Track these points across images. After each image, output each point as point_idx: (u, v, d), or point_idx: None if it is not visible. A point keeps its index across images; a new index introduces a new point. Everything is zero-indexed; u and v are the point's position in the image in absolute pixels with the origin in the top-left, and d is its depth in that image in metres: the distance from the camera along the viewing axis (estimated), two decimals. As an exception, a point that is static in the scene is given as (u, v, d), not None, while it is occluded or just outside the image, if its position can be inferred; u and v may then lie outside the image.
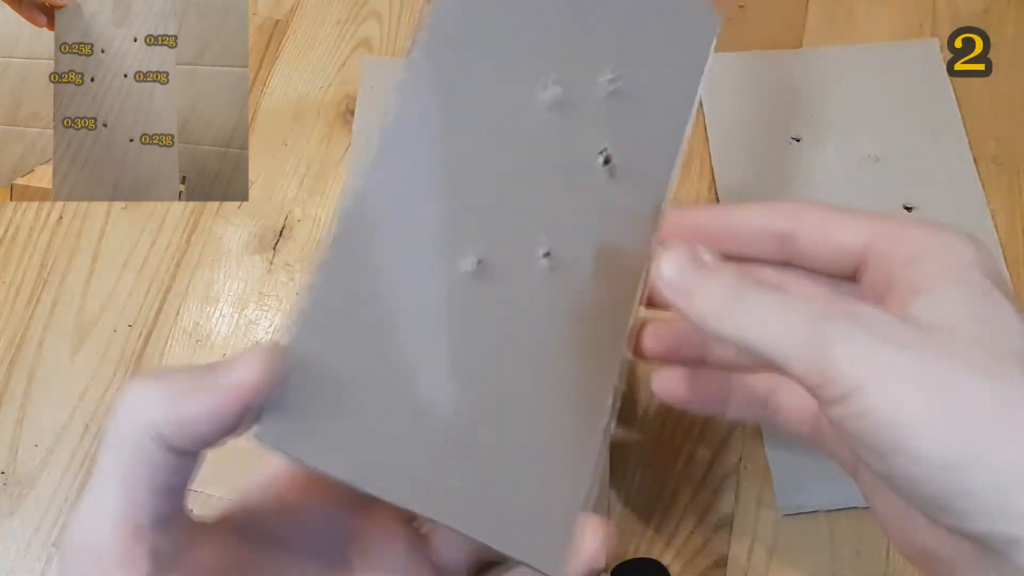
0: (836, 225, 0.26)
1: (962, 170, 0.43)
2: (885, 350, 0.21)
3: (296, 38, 0.48)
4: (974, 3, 0.49)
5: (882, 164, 0.43)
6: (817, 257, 0.26)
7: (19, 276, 0.42)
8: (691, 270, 0.25)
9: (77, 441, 0.39)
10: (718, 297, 0.24)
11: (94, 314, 0.42)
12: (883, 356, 0.21)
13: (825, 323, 0.22)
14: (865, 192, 0.42)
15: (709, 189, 0.43)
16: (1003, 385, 0.20)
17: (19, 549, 0.37)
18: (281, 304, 0.42)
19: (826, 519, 0.37)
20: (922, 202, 0.42)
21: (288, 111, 0.47)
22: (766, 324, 0.23)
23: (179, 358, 0.41)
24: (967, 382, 0.20)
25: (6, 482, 0.38)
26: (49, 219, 0.44)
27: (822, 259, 0.26)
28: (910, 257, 0.24)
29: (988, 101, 0.46)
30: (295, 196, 0.44)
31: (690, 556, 0.37)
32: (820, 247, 0.26)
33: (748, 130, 0.44)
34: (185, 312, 0.42)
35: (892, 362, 0.21)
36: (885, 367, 0.21)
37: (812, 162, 0.43)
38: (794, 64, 0.46)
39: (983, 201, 0.42)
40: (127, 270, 0.43)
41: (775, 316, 0.23)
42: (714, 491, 0.38)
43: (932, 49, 0.46)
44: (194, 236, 0.44)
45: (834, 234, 0.26)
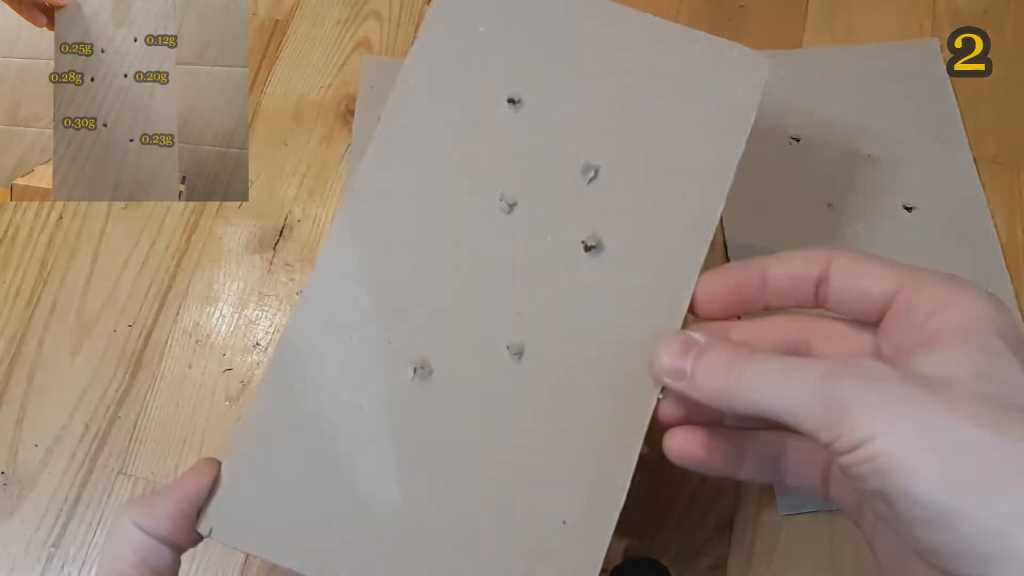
0: (866, 271, 0.27)
1: (962, 170, 0.43)
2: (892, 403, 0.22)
3: (296, 38, 0.49)
4: (974, 3, 0.49)
5: (882, 164, 0.43)
6: (844, 302, 0.27)
7: (19, 276, 0.43)
8: (688, 355, 0.27)
9: (77, 441, 0.39)
10: (720, 374, 0.26)
11: (94, 314, 0.42)
12: (891, 409, 0.22)
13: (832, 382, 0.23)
14: (865, 193, 0.42)
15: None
16: (1003, 439, 0.21)
17: (19, 549, 0.37)
18: (281, 304, 0.42)
19: (826, 519, 0.37)
20: (922, 202, 0.42)
21: (288, 111, 0.47)
22: (773, 389, 0.24)
23: (179, 358, 0.41)
24: (969, 434, 0.21)
25: (6, 482, 0.38)
26: (49, 219, 0.44)
27: (849, 304, 0.27)
28: (929, 311, 0.25)
29: (988, 101, 0.46)
30: (295, 196, 0.44)
31: (690, 556, 0.37)
32: (848, 292, 0.27)
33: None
34: (185, 312, 0.42)
35: (899, 414, 0.22)
36: (893, 418, 0.22)
37: (812, 163, 0.43)
38: (794, 64, 0.46)
39: (983, 201, 0.42)
40: (127, 270, 0.43)
41: (781, 381, 0.24)
42: (714, 491, 0.38)
43: (932, 49, 0.46)
44: (194, 236, 0.44)
45: (862, 281, 0.27)
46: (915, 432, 0.21)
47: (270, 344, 0.41)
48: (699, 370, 0.27)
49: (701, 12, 0.49)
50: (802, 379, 0.24)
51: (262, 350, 0.41)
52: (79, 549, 0.37)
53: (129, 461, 0.39)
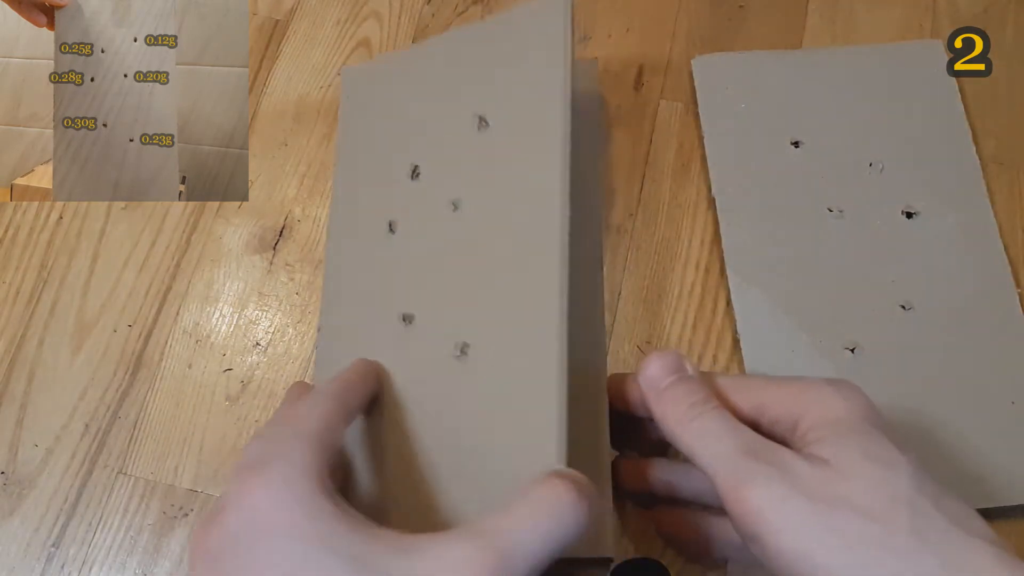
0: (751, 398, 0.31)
1: (966, 172, 0.43)
2: (797, 500, 0.26)
3: (296, 38, 0.48)
4: (974, 3, 0.49)
5: (883, 167, 0.43)
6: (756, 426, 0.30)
7: (19, 276, 0.43)
8: (668, 378, 0.31)
9: (77, 441, 0.39)
10: (682, 408, 0.29)
11: (94, 314, 0.42)
12: (795, 505, 0.26)
13: (749, 461, 0.27)
14: (866, 195, 0.42)
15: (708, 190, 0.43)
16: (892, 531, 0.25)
17: (19, 549, 0.37)
18: (281, 304, 0.42)
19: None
20: (924, 206, 0.42)
21: (288, 111, 0.47)
22: (707, 442, 0.28)
23: (179, 358, 0.41)
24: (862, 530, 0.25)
25: (6, 482, 0.38)
26: (49, 219, 0.44)
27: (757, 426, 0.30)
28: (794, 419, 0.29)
29: (988, 101, 0.46)
30: (295, 196, 0.44)
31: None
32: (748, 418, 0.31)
33: (746, 131, 0.44)
34: (185, 312, 0.42)
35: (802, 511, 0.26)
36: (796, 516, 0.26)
37: (811, 163, 0.43)
38: (794, 64, 0.46)
39: (987, 205, 0.42)
40: (127, 270, 0.43)
41: (716, 438, 0.28)
42: (714, 491, 0.38)
43: (934, 50, 0.46)
44: (194, 236, 0.44)
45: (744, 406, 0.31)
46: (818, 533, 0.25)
47: (270, 344, 0.41)
48: (669, 394, 0.30)
49: (701, 12, 0.49)
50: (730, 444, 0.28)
51: (262, 350, 0.41)
52: (79, 549, 0.37)
53: (129, 461, 0.39)
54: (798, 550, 0.25)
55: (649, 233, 0.43)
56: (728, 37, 0.48)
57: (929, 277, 0.40)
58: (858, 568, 0.24)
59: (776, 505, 0.26)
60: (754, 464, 0.27)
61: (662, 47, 0.48)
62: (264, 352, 0.41)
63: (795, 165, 0.43)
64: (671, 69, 0.47)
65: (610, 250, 0.43)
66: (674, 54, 0.48)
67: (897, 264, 0.41)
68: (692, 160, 0.45)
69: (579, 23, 0.48)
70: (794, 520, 0.25)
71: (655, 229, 0.43)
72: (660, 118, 0.46)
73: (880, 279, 0.40)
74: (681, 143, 0.45)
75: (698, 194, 0.44)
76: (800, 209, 0.42)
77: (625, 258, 0.42)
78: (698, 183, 0.44)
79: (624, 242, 0.43)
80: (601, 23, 0.48)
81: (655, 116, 0.46)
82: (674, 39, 0.48)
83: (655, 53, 0.48)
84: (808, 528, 0.25)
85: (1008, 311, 0.40)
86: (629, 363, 0.40)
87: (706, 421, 0.29)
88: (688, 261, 0.42)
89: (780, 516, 0.26)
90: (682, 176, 0.44)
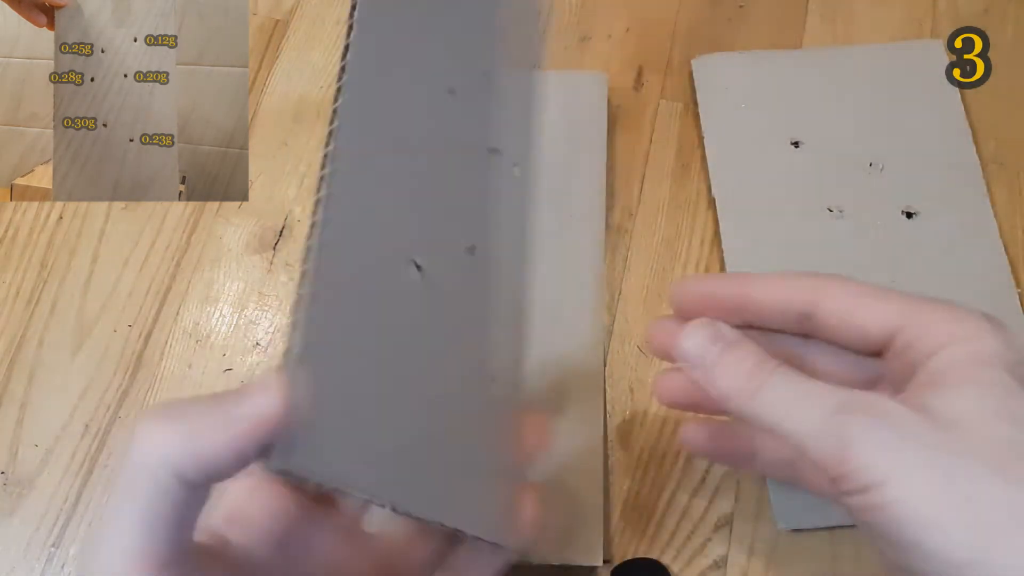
0: (861, 307, 0.26)
1: (966, 172, 0.43)
2: (906, 448, 0.22)
3: (296, 38, 0.48)
4: (974, 3, 0.49)
5: (884, 166, 0.43)
6: (839, 338, 0.27)
7: (19, 276, 0.43)
8: (713, 348, 0.26)
9: (77, 441, 0.39)
10: (741, 378, 0.25)
11: (94, 314, 0.42)
12: (904, 454, 0.22)
13: (846, 417, 0.23)
14: (866, 195, 0.42)
15: (708, 190, 0.43)
16: (1018, 488, 0.21)
17: (19, 549, 0.37)
18: (281, 304, 0.42)
19: (826, 519, 0.37)
20: (925, 206, 0.42)
21: (288, 111, 0.47)
22: (788, 409, 0.24)
23: (179, 358, 0.41)
24: (984, 483, 0.21)
25: (6, 482, 0.38)
26: (49, 219, 0.44)
27: (844, 339, 0.27)
28: (934, 347, 0.24)
29: (988, 101, 0.46)
30: (295, 196, 0.44)
31: (690, 556, 0.37)
32: (843, 329, 0.26)
33: (746, 131, 0.44)
34: (185, 312, 0.42)
35: (912, 460, 0.21)
36: (905, 465, 0.21)
37: (811, 163, 0.43)
38: (794, 64, 0.46)
39: (988, 205, 0.42)
40: (127, 270, 0.43)
41: (797, 403, 0.24)
42: (714, 491, 0.38)
43: (934, 50, 0.46)
44: (194, 236, 0.44)
45: (858, 317, 0.26)
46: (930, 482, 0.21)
47: (270, 344, 0.41)
48: (720, 366, 0.26)
49: (701, 12, 0.49)
50: (817, 406, 0.23)
51: (262, 350, 0.41)
52: (79, 549, 0.37)
53: (129, 461, 0.39)
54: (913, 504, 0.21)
55: (649, 233, 0.43)
56: (728, 37, 0.48)
57: (929, 277, 0.40)
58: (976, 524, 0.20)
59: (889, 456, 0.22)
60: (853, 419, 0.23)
61: (662, 47, 0.48)
62: (264, 352, 0.41)
63: (795, 165, 0.43)
64: (671, 69, 0.47)
65: (610, 250, 0.43)
66: (674, 54, 0.48)
67: (897, 264, 0.41)
68: (692, 160, 0.45)
69: (579, 23, 0.48)
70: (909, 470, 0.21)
71: (655, 229, 0.43)
72: (660, 118, 0.46)
73: (880, 279, 0.39)
74: (681, 143, 0.45)
75: (698, 194, 0.44)
76: (800, 209, 0.42)
77: (625, 258, 0.43)
78: (698, 183, 0.44)
79: (624, 242, 0.43)
80: (601, 23, 0.48)
81: (655, 116, 0.46)
82: (674, 39, 0.48)
83: (655, 53, 0.48)
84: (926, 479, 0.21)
85: (1008, 311, 0.40)
86: (629, 363, 0.40)
87: (775, 388, 0.25)
88: (688, 261, 0.42)
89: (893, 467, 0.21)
90: (682, 176, 0.44)
